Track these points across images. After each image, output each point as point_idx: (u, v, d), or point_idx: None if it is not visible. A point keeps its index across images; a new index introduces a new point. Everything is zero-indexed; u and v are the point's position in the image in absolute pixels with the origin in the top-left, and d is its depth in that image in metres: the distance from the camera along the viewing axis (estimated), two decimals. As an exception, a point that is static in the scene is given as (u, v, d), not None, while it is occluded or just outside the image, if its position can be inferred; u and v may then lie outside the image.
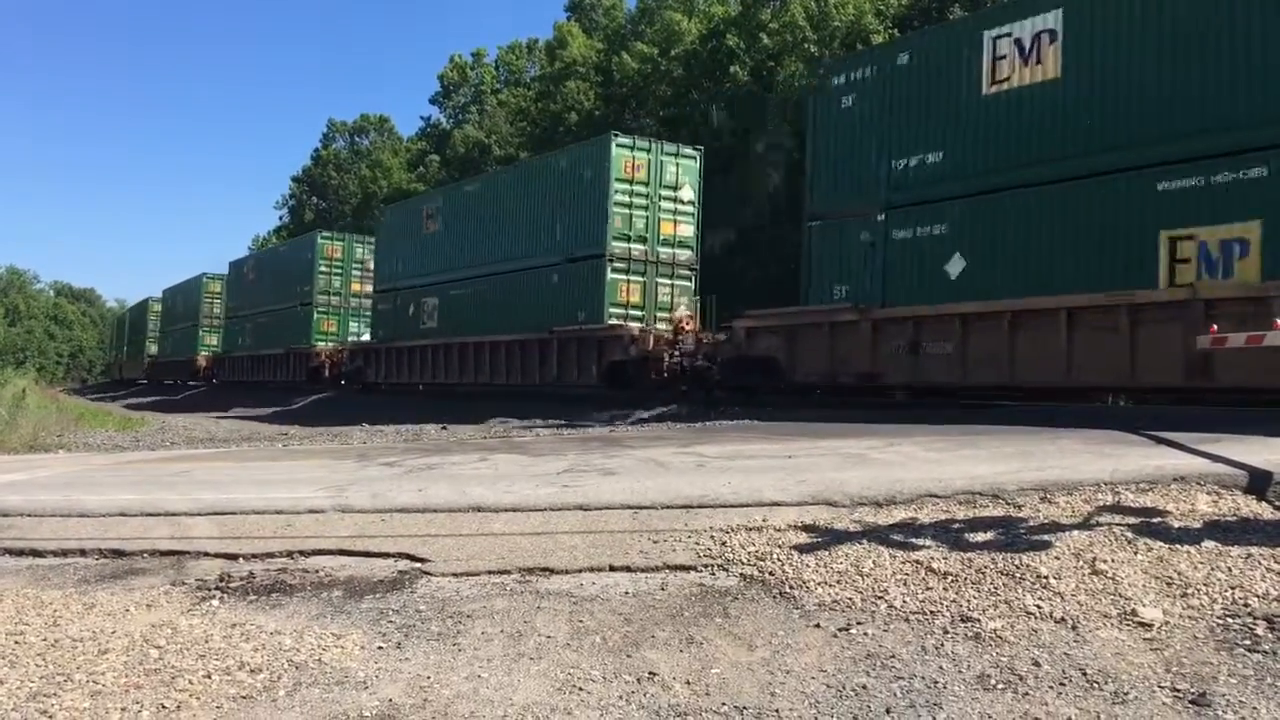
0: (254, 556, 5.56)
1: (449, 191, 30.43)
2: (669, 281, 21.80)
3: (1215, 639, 3.72)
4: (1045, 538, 4.82)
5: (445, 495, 6.65)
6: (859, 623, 4.06)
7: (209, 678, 3.77)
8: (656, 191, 21.77)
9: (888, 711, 3.31)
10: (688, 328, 20.81)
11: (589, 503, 6.05)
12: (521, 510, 6.03)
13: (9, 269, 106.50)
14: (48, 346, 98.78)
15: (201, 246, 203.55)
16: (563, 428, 14.93)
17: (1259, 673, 3.42)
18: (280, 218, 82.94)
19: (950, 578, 4.44)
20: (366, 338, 33.87)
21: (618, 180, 21.22)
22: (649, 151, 21.82)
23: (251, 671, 3.82)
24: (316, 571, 5.25)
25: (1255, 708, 3.20)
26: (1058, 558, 4.55)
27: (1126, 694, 3.34)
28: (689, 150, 22.72)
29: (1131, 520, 5.03)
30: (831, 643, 3.89)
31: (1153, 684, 3.40)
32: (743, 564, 4.85)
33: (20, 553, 5.93)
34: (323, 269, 36.05)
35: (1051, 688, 3.40)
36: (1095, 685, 3.41)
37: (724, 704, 3.42)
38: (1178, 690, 3.34)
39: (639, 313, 21.24)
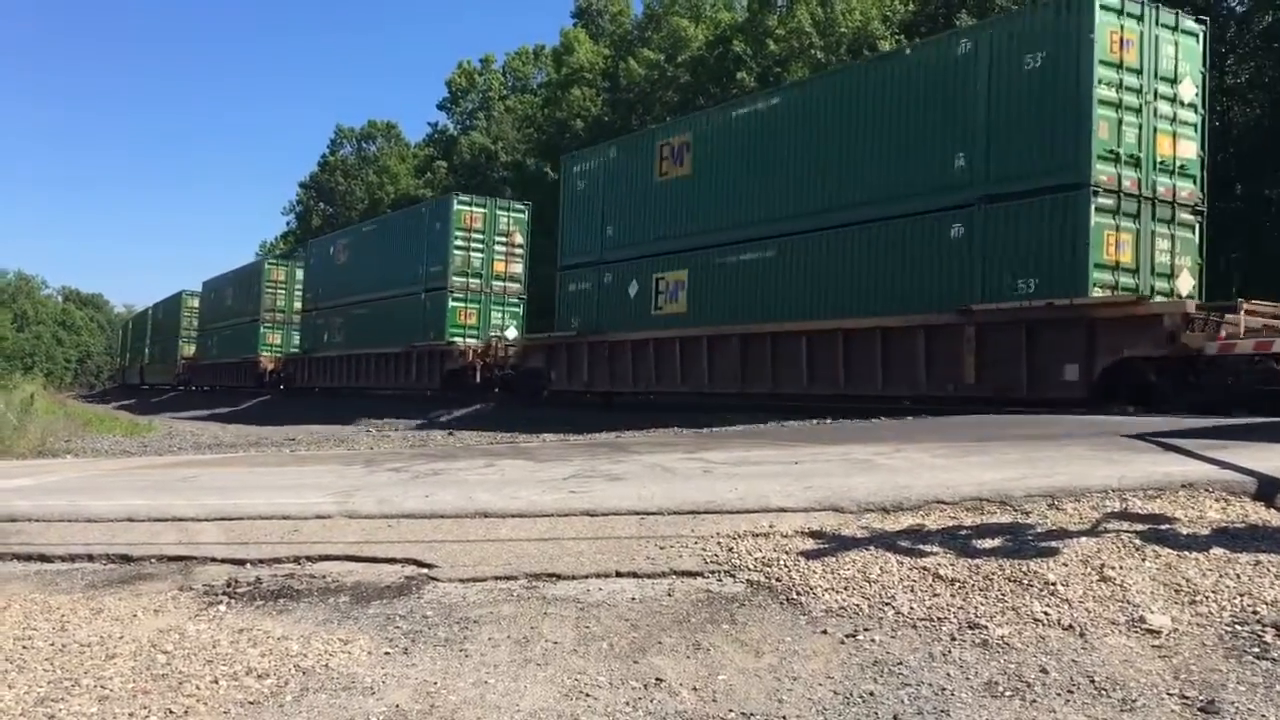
0: (261, 562, 5.57)
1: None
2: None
3: (1224, 646, 3.70)
4: (1053, 544, 4.80)
5: (452, 501, 6.66)
6: (866, 629, 4.05)
7: (216, 683, 3.77)
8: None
9: (895, 718, 3.30)
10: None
11: (595, 508, 6.05)
12: (528, 516, 6.03)
13: (17, 274, 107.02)
14: (55, 352, 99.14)
15: (209, 253, 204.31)
16: (569, 433, 14.93)
17: (1268, 680, 3.41)
18: (288, 223, 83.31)
19: (958, 584, 4.43)
20: (513, 334, 29.07)
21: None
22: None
23: (258, 677, 3.83)
24: (323, 577, 5.26)
25: (1264, 715, 3.18)
26: (1065, 564, 4.54)
27: (1134, 701, 3.33)
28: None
29: (1139, 527, 5.01)
30: (839, 649, 3.89)
31: (1161, 691, 3.39)
32: (750, 570, 4.85)
33: (28, 558, 5.95)
34: (459, 242, 28.78)
35: (1059, 695, 3.39)
36: (1103, 692, 3.40)
37: (731, 710, 3.42)
38: (1186, 698, 3.33)
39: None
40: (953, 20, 28.49)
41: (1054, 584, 4.33)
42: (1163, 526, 5.02)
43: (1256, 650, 3.64)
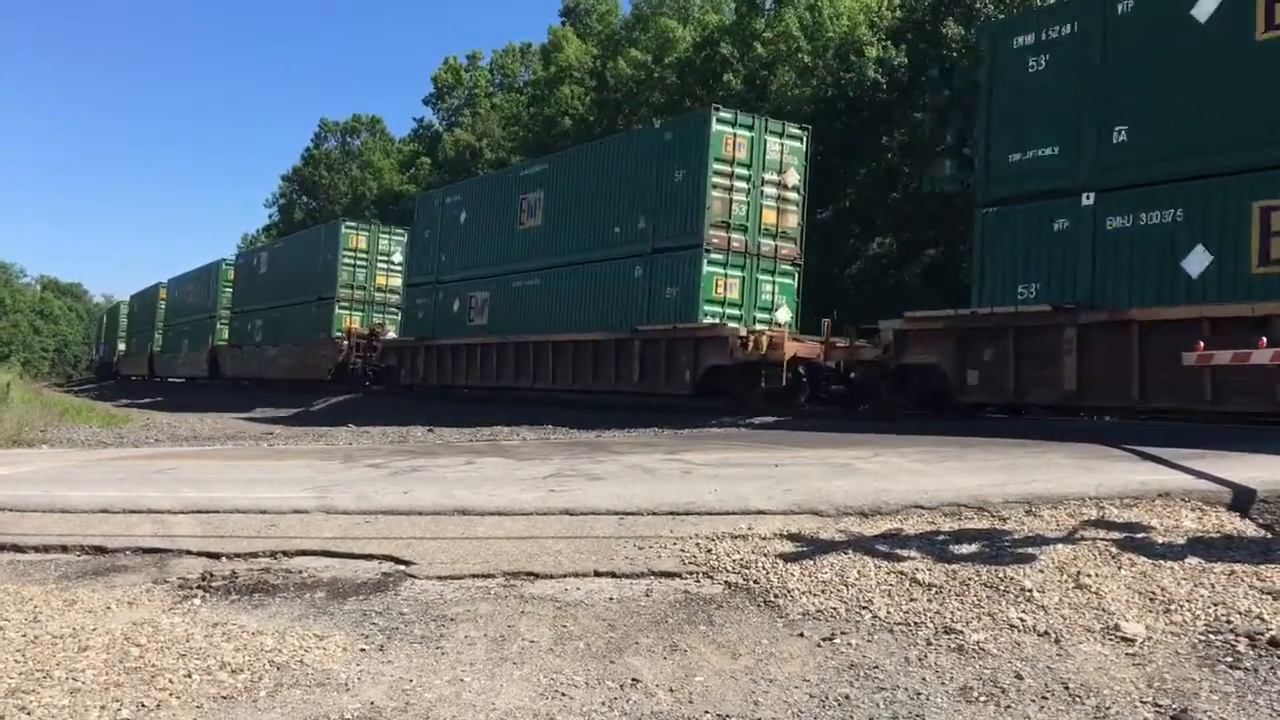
0: (237, 556, 5.53)
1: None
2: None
3: (1197, 655, 3.73)
4: (1030, 551, 4.83)
5: (430, 498, 6.64)
6: (843, 633, 4.06)
7: (189, 677, 3.74)
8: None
9: (870, 722, 3.31)
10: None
11: (575, 507, 6.04)
12: (507, 514, 6.02)
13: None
14: (33, 341, 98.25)
15: (190, 244, 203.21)
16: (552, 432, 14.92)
17: (1240, 690, 3.43)
18: (270, 216, 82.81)
19: (935, 589, 4.44)
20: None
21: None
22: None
23: (232, 671, 3.80)
24: (300, 572, 5.23)
25: (1236, 724, 3.21)
26: (1042, 571, 4.56)
27: (1108, 709, 3.34)
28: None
29: (1116, 535, 5.05)
30: (815, 652, 3.89)
31: (1134, 699, 3.41)
32: (728, 572, 4.85)
33: (1, 548, 5.89)
34: (718, 176, 18.49)
35: (1034, 701, 3.41)
36: (1077, 699, 3.41)
37: (707, 712, 3.41)
38: (1159, 706, 3.35)
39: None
40: (939, 27, 28.57)
41: (1030, 590, 4.35)
42: (1139, 535, 5.05)
43: (1229, 659, 3.66)
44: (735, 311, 18.54)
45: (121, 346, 64.13)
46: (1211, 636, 3.87)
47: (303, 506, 6.41)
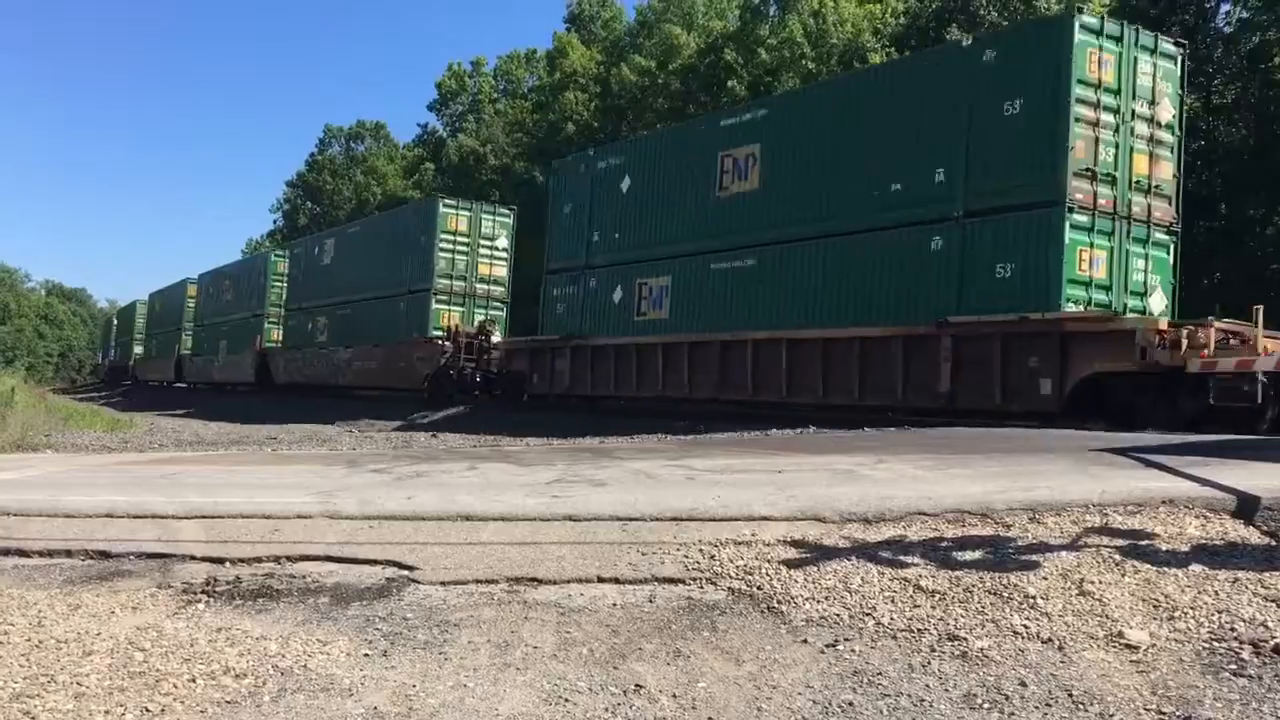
0: (241, 561, 5.54)
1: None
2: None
3: (1201, 663, 3.73)
4: (1033, 558, 4.82)
5: (434, 503, 6.64)
6: (846, 639, 4.06)
7: (193, 682, 3.75)
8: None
9: (874, 729, 3.31)
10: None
11: (578, 513, 6.04)
12: (510, 519, 6.02)
13: (0, 267, 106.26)
14: (37, 346, 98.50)
15: (195, 249, 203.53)
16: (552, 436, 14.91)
17: (1244, 697, 3.43)
18: (275, 221, 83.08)
19: (938, 596, 4.44)
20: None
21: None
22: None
23: (236, 676, 3.81)
24: (303, 577, 5.23)
25: (1240, 732, 3.20)
26: (1045, 578, 4.55)
27: (1111, 716, 3.34)
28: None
29: (1120, 542, 5.04)
30: (819, 659, 3.89)
31: (1138, 706, 3.40)
32: (731, 578, 4.85)
33: (5, 552, 5.89)
34: (1082, 105, 14.61)
35: (1037, 708, 3.41)
36: (1081, 706, 3.41)
37: (710, 718, 3.41)
38: (1163, 713, 3.35)
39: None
40: (943, 34, 28.61)
41: (1034, 597, 4.34)
42: (1143, 542, 5.05)
43: (1234, 667, 3.66)
44: (1103, 297, 14.07)
45: (138, 349, 60.56)
46: (1215, 644, 3.87)
47: (306, 511, 6.41)
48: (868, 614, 4.31)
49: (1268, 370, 11.43)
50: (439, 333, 27.06)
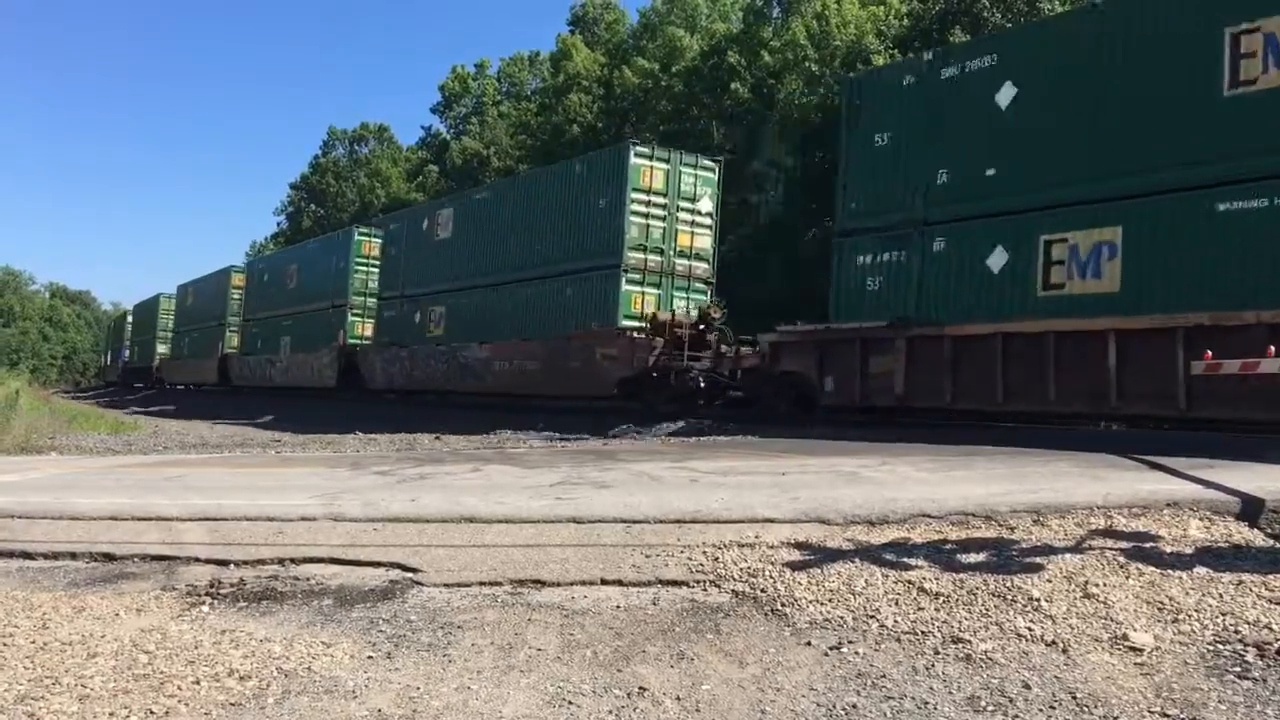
0: (245, 563, 5.54)
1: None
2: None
3: (1205, 665, 3.72)
4: (1037, 560, 4.82)
5: (438, 505, 6.64)
6: (850, 641, 4.06)
7: (198, 684, 3.75)
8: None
9: (877, 731, 3.30)
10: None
11: (582, 515, 6.04)
12: (514, 522, 6.03)
13: (4, 269, 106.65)
14: (42, 348, 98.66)
15: (198, 251, 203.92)
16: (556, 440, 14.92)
17: (1248, 700, 3.42)
18: (279, 224, 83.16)
19: (942, 598, 4.44)
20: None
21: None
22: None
23: (240, 678, 3.81)
24: (307, 579, 5.24)
25: (1244, 735, 3.20)
26: (1049, 580, 4.55)
27: (1116, 718, 3.34)
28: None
29: (1124, 544, 5.04)
30: (822, 661, 3.89)
31: (1143, 709, 3.40)
32: (735, 580, 4.85)
33: (11, 554, 5.91)
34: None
35: (1041, 711, 3.40)
36: (1085, 709, 3.41)
37: (714, 720, 3.41)
38: (1167, 715, 3.34)
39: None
40: (945, 36, 28.61)
41: (1038, 600, 4.34)
42: (1147, 544, 5.04)
43: (1238, 669, 3.65)
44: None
45: (162, 349, 52.90)
46: (1220, 646, 3.86)
47: (310, 514, 6.42)
48: (871, 616, 4.31)
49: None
50: (632, 322, 20.34)
